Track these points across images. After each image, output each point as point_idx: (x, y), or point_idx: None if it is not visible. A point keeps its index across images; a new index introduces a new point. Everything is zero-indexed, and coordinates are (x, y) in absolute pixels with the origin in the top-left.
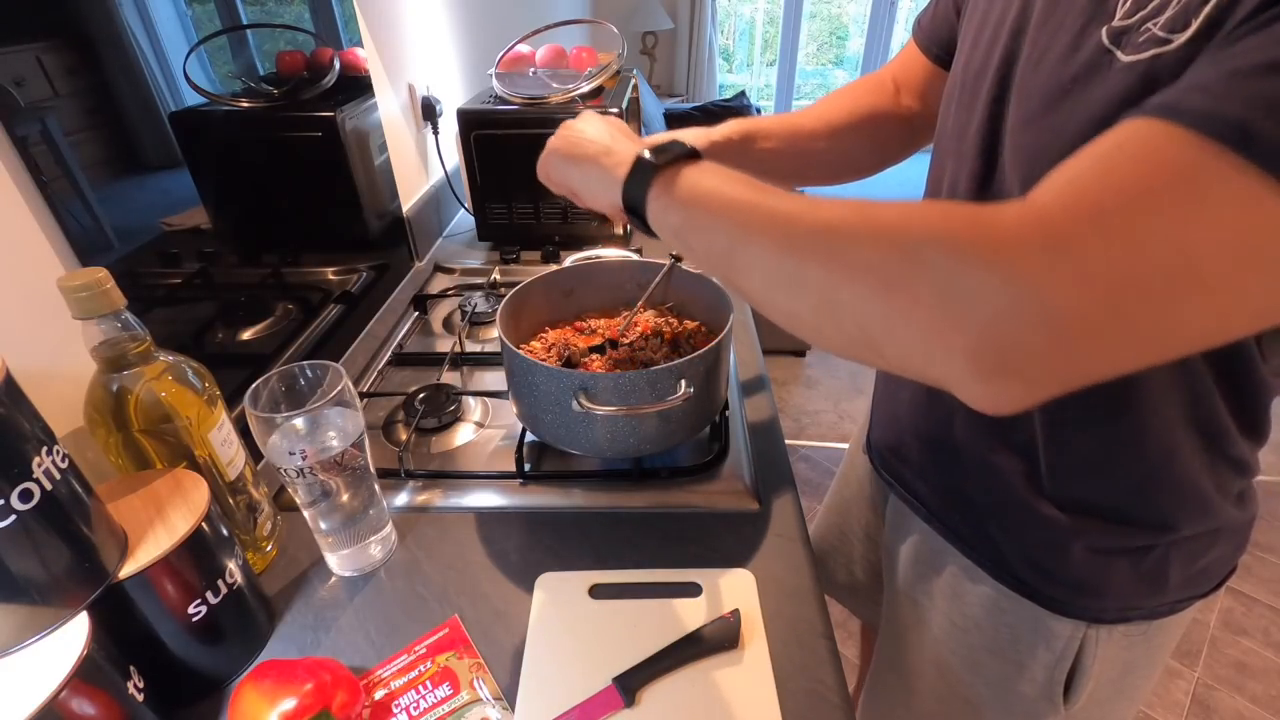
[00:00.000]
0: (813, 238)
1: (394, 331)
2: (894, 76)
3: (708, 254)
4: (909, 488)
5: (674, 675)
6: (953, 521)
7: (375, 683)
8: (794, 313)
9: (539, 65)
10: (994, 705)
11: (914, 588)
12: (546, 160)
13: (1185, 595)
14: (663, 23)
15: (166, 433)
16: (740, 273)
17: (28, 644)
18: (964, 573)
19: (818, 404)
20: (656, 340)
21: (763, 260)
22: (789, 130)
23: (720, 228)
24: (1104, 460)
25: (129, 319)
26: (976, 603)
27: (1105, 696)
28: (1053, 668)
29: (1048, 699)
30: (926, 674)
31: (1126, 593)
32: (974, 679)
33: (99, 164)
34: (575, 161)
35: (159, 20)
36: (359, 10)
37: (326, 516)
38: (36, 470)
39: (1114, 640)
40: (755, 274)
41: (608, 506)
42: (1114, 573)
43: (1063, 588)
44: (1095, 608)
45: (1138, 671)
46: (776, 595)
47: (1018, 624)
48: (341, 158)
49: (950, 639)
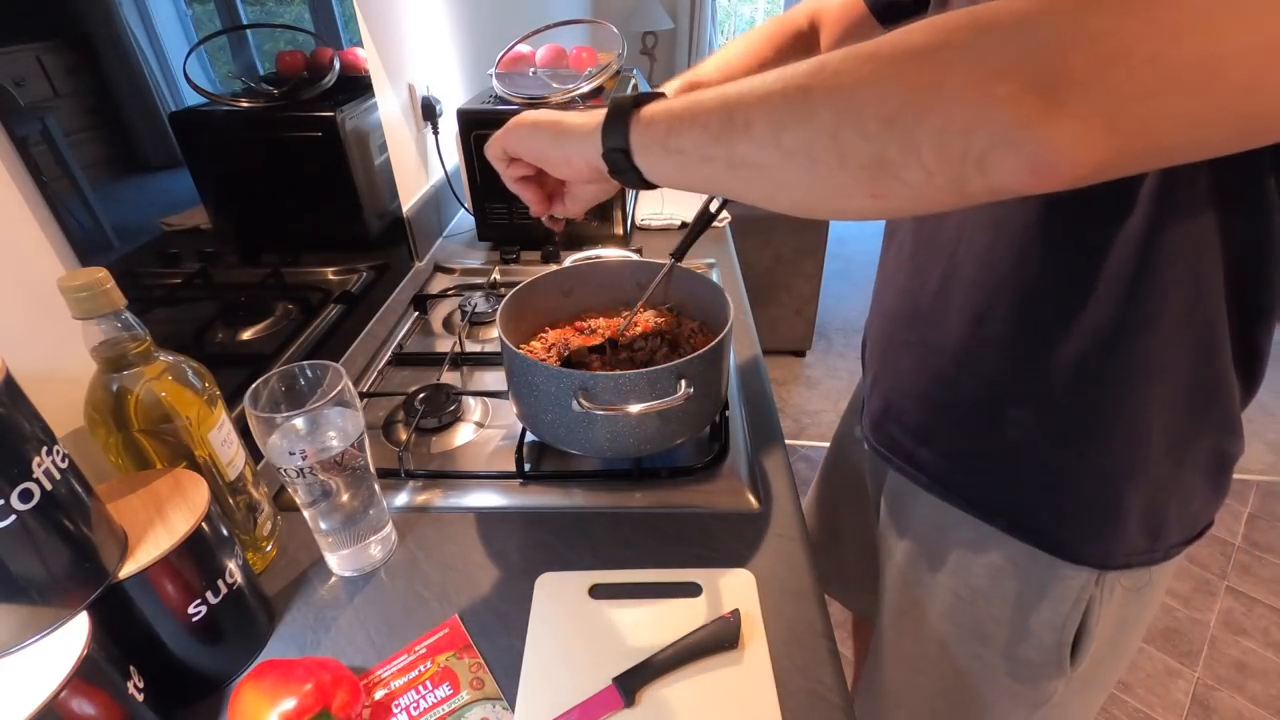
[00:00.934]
0: (814, 67)
1: (394, 331)
2: (814, 16)
3: (704, 138)
4: (911, 459)
5: (674, 675)
6: (959, 484)
7: (375, 683)
8: (811, 146)
9: (539, 65)
10: (998, 676)
11: (915, 567)
12: (510, 135)
13: (1177, 540)
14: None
15: (166, 433)
16: (743, 137)
17: (28, 644)
18: (968, 543)
19: (818, 404)
20: (656, 340)
21: (765, 106)
22: (723, 78)
23: (714, 106)
24: (1112, 402)
25: (129, 319)
26: (982, 572)
27: (1102, 656)
28: (1060, 629)
29: (1055, 662)
30: (929, 654)
31: (1131, 536)
32: (979, 650)
33: (99, 164)
34: (546, 128)
35: (159, 20)
36: (359, 10)
37: (326, 516)
38: (36, 470)
39: (1115, 597)
40: (759, 126)
41: (608, 506)
42: (1123, 512)
43: (1075, 533)
44: (1103, 553)
45: (1130, 628)
46: (776, 595)
47: (1025, 589)
48: (341, 158)
49: (954, 613)
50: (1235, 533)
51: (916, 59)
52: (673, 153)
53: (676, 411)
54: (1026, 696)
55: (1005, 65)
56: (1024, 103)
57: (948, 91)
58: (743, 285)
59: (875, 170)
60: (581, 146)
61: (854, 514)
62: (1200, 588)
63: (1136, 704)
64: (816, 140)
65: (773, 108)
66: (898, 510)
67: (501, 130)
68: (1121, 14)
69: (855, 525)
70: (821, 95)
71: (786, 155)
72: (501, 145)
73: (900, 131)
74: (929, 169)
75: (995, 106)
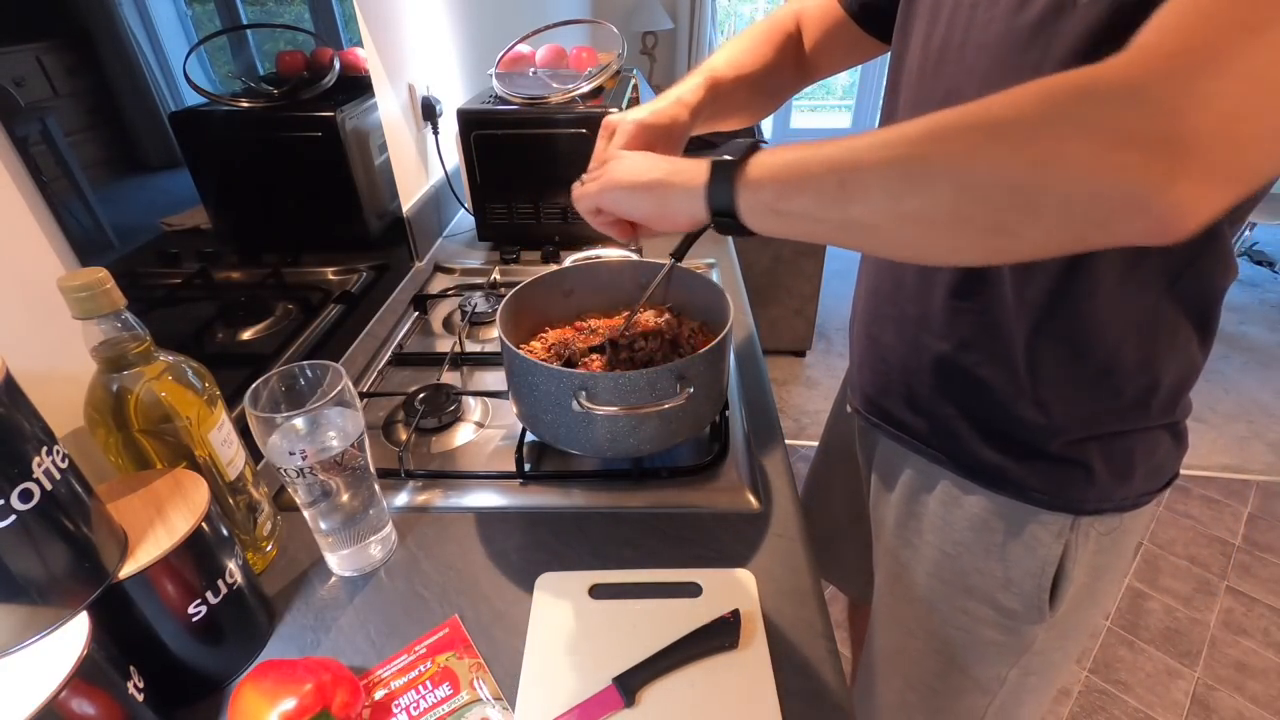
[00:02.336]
0: (926, 134)
1: (394, 331)
2: (798, 17)
3: (816, 202)
4: (900, 424)
5: (674, 675)
6: (942, 443)
7: (375, 683)
8: (931, 213)
9: (539, 65)
10: (983, 627)
11: (904, 529)
12: (607, 196)
13: (1144, 489)
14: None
15: (166, 433)
16: (859, 201)
17: (28, 644)
18: (953, 499)
19: (818, 404)
20: (656, 340)
21: (880, 175)
22: (735, 74)
23: (821, 171)
24: (1071, 350)
25: (129, 319)
26: (965, 525)
27: (1079, 602)
28: (1039, 574)
29: (1036, 607)
30: (919, 614)
31: (1102, 482)
32: (964, 603)
33: (99, 164)
34: (646, 189)
35: (159, 20)
36: (359, 10)
37: (326, 516)
38: (36, 470)
39: (1089, 543)
40: (875, 193)
41: (608, 506)
42: (1092, 461)
43: (1050, 482)
44: (1078, 499)
45: (1104, 576)
46: (776, 595)
47: (1005, 539)
48: (341, 158)
49: (940, 569)
50: (1235, 533)
51: (1033, 131)
52: (783, 215)
53: (676, 411)
54: (1011, 645)
55: (1126, 134)
56: (1150, 169)
57: (1070, 162)
58: (743, 285)
59: (994, 231)
60: (686, 206)
61: (851, 499)
62: (1200, 588)
63: (1136, 704)
64: (936, 208)
65: (889, 177)
66: (887, 478)
67: (597, 187)
68: (1228, 77)
69: (853, 509)
70: (940, 166)
71: (903, 220)
72: (595, 204)
73: (1023, 200)
74: (1050, 230)
75: (1120, 175)
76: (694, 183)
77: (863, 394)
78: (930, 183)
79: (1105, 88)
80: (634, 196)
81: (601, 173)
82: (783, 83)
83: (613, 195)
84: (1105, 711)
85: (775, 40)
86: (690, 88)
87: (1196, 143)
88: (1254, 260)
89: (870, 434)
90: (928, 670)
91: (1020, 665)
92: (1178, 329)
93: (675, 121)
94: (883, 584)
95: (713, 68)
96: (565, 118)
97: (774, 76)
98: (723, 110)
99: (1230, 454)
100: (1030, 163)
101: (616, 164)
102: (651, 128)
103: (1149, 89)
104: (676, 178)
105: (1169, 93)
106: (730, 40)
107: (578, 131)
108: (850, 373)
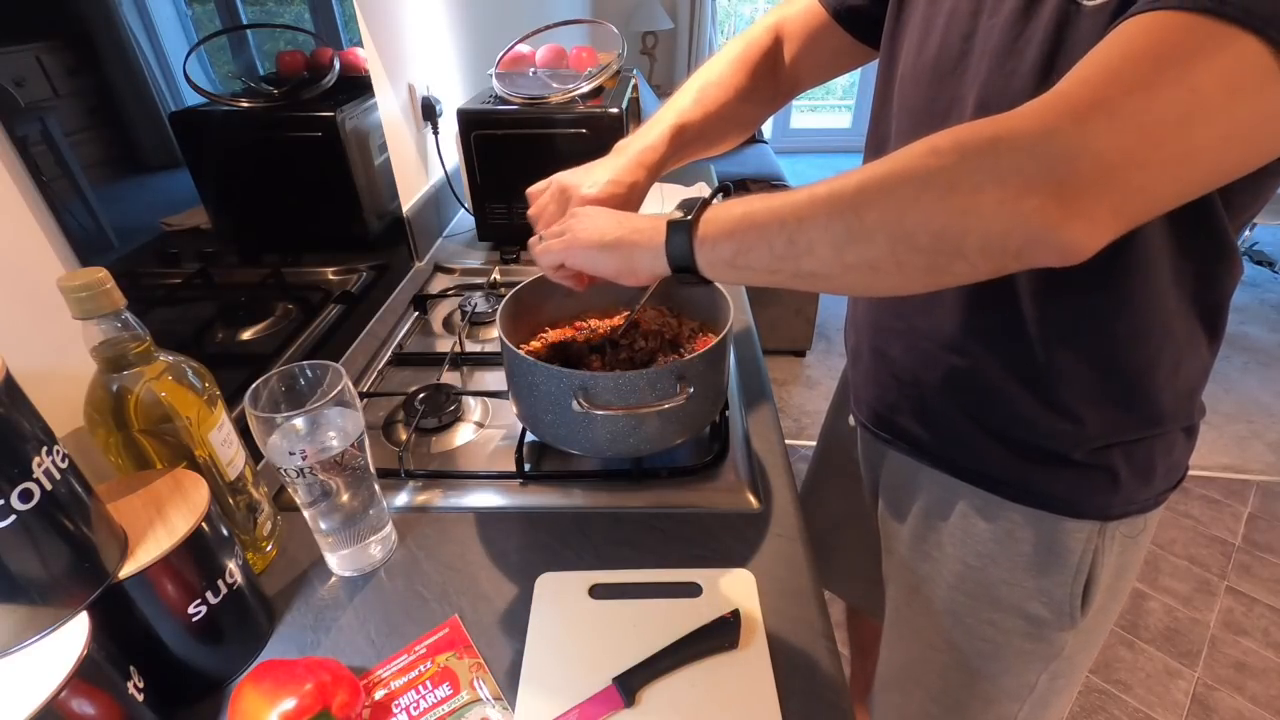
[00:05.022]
0: (859, 191)
1: (394, 331)
2: (777, 30)
3: (769, 258)
4: (913, 439)
5: (674, 675)
6: (964, 461)
7: (375, 683)
8: (873, 261)
9: (539, 65)
10: (1012, 637)
11: (922, 543)
12: (572, 254)
13: (1163, 488)
14: (663, 23)
15: (166, 433)
16: (807, 256)
17: (28, 644)
18: (976, 512)
19: (818, 404)
20: (656, 340)
21: (824, 231)
22: (704, 113)
23: (771, 230)
24: (1097, 362)
25: (129, 319)
26: (989, 538)
27: (1103, 604)
28: (1071, 582)
29: (1067, 614)
30: (941, 627)
31: (1127, 486)
32: (992, 615)
33: (99, 164)
34: (611, 248)
35: (159, 20)
36: (359, 10)
37: (326, 516)
38: (36, 470)
39: (1115, 545)
40: (821, 248)
41: (608, 506)
42: (1117, 466)
43: (1078, 491)
44: (1105, 504)
45: (1125, 575)
46: (776, 595)
47: (1034, 549)
48: (341, 158)
49: (964, 582)
50: (1235, 533)
51: (953, 182)
52: (740, 269)
53: (676, 411)
54: (1040, 653)
55: (1027, 182)
56: (1048, 212)
57: (985, 209)
58: (743, 285)
59: (928, 270)
60: (648, 264)
61: (849, 505)
62: (1200, 588)
63: (1136, 704)
64: (876, 256)
65: (832, 231)
66: (900, 491)
67: (561, 245)
68: (1116, 131)
69: (851, 516)
70: (875, 220)
71: (849, 268)
72: (561, 261)
73: (948, 243)
74: (974, 264)
75: (1025, 219)
76: (654, 242)
77: (869, 409)
78: (868, 236)
79: (1012, 138)
80: (600, 255)
81: (564, 230)
82: (757, 108)
83: (578, 254)
84: (1105, 711)
85: (750, 63)
86: (653, 140)
87: (1089, 188)
88: (1254, 260)
89: (876, 447)
90: (952, 682)
91: (1050, 670)
92: (1194, 332)
93: (633, 188)
94: (897, 597)
95: (680, 110)
96: (565, 118)
97: (747, 104)
98: (691, 152)
99: (1230, 454)
100: (952, 211)
101: (578, 223)
102: (610, 199)
103: (1051, 139)
104: (638, 236)
105: (1067, 144)
106: (702, 68)
107: (578, 131)
108: (851, 384)
